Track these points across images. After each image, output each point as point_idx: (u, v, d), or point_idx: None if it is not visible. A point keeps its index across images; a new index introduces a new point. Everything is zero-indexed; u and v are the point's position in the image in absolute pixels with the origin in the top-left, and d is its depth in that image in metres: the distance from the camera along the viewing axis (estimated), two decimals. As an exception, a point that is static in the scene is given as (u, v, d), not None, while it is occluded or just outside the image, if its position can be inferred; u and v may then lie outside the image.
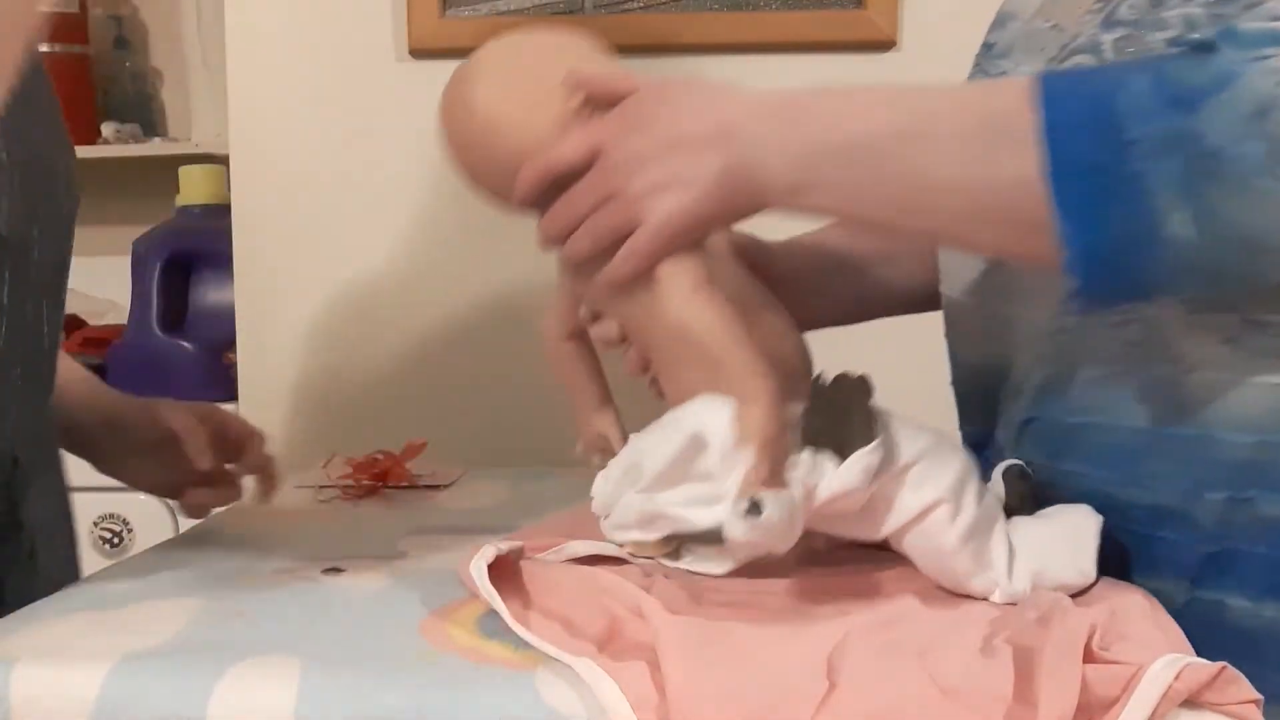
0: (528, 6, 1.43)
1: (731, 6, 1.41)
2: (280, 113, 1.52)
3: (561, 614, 0.73)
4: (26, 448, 0.90)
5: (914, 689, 0.61)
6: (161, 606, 0.79)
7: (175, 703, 0.65)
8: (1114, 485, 0.79)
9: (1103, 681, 0.59)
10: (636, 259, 0.78)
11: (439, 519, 1.06)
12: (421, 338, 1.51)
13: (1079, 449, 0.82)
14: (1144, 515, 0.78)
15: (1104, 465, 0.80)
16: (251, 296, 1.53)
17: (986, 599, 0.74)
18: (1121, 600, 0.72)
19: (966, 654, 0.63)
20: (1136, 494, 0.78)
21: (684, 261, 0.80)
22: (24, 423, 0.89)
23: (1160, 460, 0.77)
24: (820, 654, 0.64)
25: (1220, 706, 0.59)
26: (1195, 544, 0.75)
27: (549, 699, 0.64)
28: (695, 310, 0.79)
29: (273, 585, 0.83)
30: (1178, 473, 0.76)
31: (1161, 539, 0.77)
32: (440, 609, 0.77)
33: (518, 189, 0.82)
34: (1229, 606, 0.75)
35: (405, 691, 0.65)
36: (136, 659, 0.68)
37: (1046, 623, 0.65)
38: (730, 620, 0.68)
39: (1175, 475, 0.76)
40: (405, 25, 1.44)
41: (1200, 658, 0.61)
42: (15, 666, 0.67)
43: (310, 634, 0.73)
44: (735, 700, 0.61)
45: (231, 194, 1.55)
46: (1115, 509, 0.78)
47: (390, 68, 1.47)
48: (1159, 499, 0.77)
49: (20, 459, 0.89)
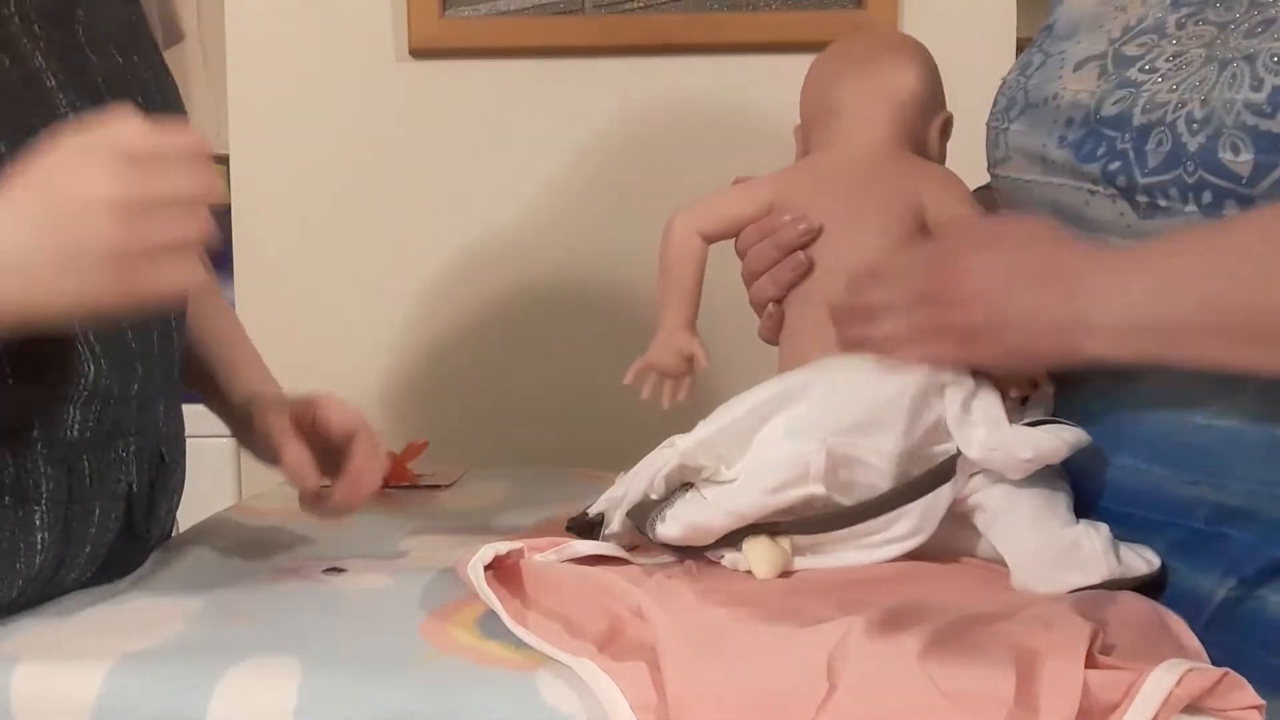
0: (528, 6, 1.43)
1: (731, 6, 1.41)
2: (280, 113, 1.52)
3: (562, 614, 0.73)
4: (170, 448, 0.91)
5: (915, 691, 0.60)
6: (161, 606, 0.79)
7: (175, 703, 0.65)
8: (1177, 482, 0.78)
9: (1104, 686, 0.59)
10: (937, 362, 0.79)
11: (440, 519, 1.06)
12: (422, 338, 1.51)
13: (1140, 443, 0.81)
14: (1208, 513, 0.77)
15: (1166, 461, 0.79)
16: (251, 296, 1.53)
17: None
18: (1125, 606, 0.72)
19: (967, 656, 0.62)
20: (1204, 491, 0.77)
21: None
22: (169, 426, 0.90)
23: (1234, 460, 0.76)
24: (820, 654, 0.63)
25: (1222, 712, 0.59)
26: (1258, 543, 0.74)
27: (550, 699, 0.64)
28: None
29: (273, 585, 0.83)
30: (1249, 474, 0.75)
31: (1224, 535, 0.76)
32: (441, 609, 0.77)
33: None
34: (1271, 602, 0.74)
35: (405, 692, 0.65)
36: (136, 659, 0.68)
37: (1049, 626, 0.65)
38: (730, 620, 0.68)
39: (1247, 475, 0.75)
40: (405, 25, 1.44)
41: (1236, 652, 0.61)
42: (16, 666, 0.67)
43: (310, 634, 0.73)
44: (735, 701, 0.61)
45: (231, 194, 1.55)
46: (1173, 505, 0.78)
47: (390, 68, 1.47)
48: (1225, 498, 0.76)
49: (165, 455, 0.90)
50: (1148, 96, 0.79)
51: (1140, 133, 0.78)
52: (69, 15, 0.84)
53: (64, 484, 0.79)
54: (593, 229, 1.45)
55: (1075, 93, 0.85)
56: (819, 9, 1.40)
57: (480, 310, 1.50)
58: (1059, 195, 0.86)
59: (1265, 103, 0.72)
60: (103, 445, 0.82)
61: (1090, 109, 0.83)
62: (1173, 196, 0.76)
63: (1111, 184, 0.80)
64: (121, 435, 0.84)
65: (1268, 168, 0.72)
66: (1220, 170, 0.74)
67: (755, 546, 0.81)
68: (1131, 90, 0.81)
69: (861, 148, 0.96)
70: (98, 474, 0.82)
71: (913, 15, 1.41)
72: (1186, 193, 0.76)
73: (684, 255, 0.96)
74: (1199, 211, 0.75)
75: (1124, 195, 0.80)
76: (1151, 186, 0.77)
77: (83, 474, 0.81)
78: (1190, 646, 0.68)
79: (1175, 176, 0.76)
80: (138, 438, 0.85)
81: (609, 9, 1.42)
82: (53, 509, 0.78)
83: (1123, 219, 0.80)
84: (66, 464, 0.79)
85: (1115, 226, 0.81)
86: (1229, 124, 0.73)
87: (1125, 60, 0.84)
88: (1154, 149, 0.77)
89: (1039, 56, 0.92)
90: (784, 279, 0.91)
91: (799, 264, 0.91)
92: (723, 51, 1.42)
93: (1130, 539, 0.79)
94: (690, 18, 1.42)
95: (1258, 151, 0.72)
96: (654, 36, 1.42)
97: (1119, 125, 0.80)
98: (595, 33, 1.42)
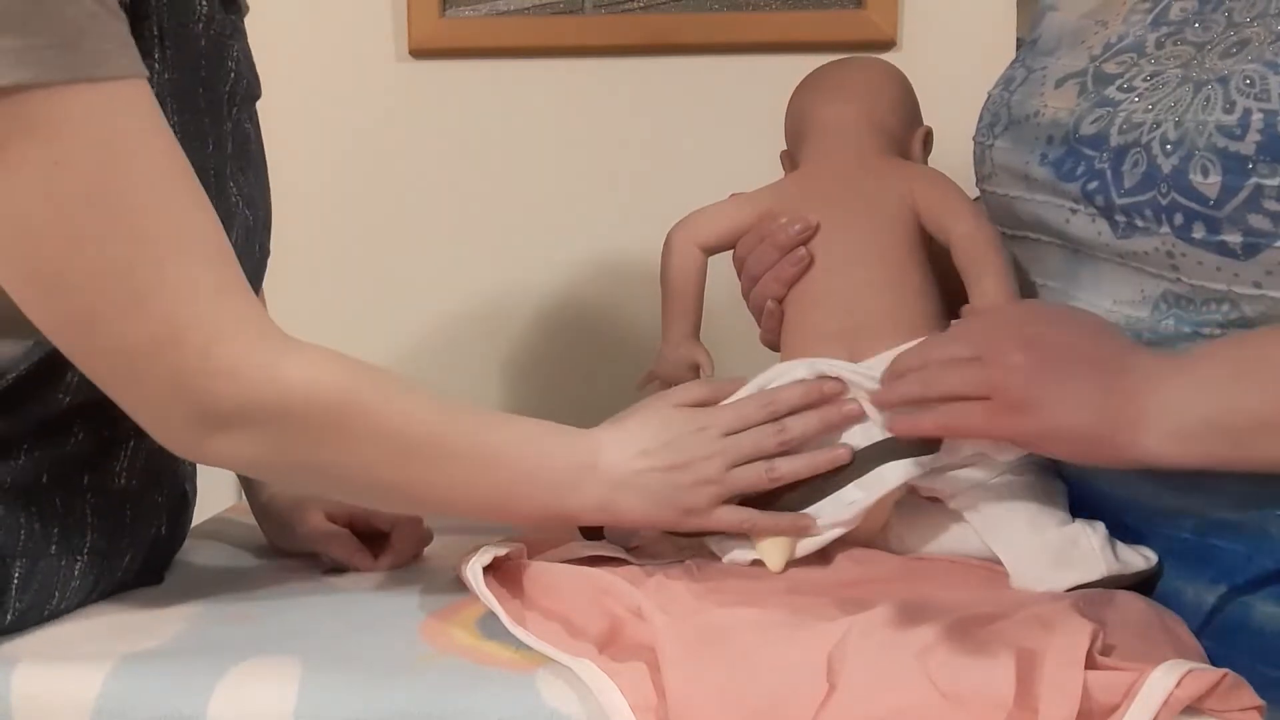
0: (528, 6, 1.43)
1: (731, 6, 1.41)
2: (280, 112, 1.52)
3: (562, 614, 0.73)
4: (191, 485, 0.92)
5: (914, 692, 0.60)
6: (161, 607, 0.79)
7: (175, 702, 0.65)
8: (1166, 493, 0.77)
9: (1104, 688, 0.59)
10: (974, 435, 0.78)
11: (440, 519, 1.06)
12: (422, 338, 1.51)
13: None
14: (1196, 524, 0.77)
15: (1155, 472, 0.75)
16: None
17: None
18: (1125, 607, 0.72)
19: (967, 657, 0.62)
20: (1192, 503, 0.77)
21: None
22: (192, 464, 0.91)
23: (1222, 472, 0.73)
24: (820, 654, 0.63)
25: (1222, 714, 0.59)
26: (1248, 553, 0.74)
27: (550, 700, 0.64)
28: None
29: (273, 585, 0.83)
30: (1237, 486, 0.74)
31: (1213, 546, 0.76)
32: (441, 610, 0.77)
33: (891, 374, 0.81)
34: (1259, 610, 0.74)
35: (405, 692, 0.65)
36: (137, 659, 0.68)
37: (1049, 627, 0.64)
38: (730, 621, 0.68)
39: (1234, 488, 0.74)
40: (405, 25, 1.44)
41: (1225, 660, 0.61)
42: (17, 666, 0.67)
43: (310, 634, 0.73)
44: (735, 702, 0.61)
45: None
46: (1162, 515, 0.78)
47: (390, 68, 1.47)
48: (1213, 510, 0.76)
49: (188, 492, 0.91)
50: (1124, 116, 0.79)
51: (1117, 153, 0.78)
52: (256, 98, 0.86)
53: (105, 534, 0.79)
54: (593, 229, 1.45)
55: (1055, 110, 0.86)
56: (819, 9, 1.40)
57: (479, 310, 1.49)
58: (1042, 212, 0.86)
59: (1236, 125, 0.71)
60: (143, 494, 0.82)
61: (1069, 127, 0.83)
62: (1148, 217, 0.76)
63: (1091, 203, 0.80)
64: (159, 484, 0.84)
65: (1234, 190, 0.71)
66: (1190, 192, 0.73)
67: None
68: (1109, 109, 0.81)
69: (850, 156, 0.98)
70: (134, 522, 0.82)
71: (913, 15, 1.40)
72: (1160, 214, 0.75)
73: (684, 268, 0.97)
74: (1172, 233, 0.75)
75: (1103, 214, 0.80)
76: (1128, 207, 0.77)
77: (123, 522, 0.81)
78: (1190, 647, 0.68)
79: (1150, 198, 0.76)
80: (171, 480, 0.86)
81: (609, 9, 1.42)
82: (92, 558, 0.78)
83: (1100, 238, 0.81)
84: (110, 514, 0.80)
85: (1095, 245, 0.82)
86: (1200, 146, 0.73)
87: (1104, 78, 0.84)
88: (1130, 169, 0.77)
89: (1021, 71, 0.93)
90: (786, 275, 0.91)
91: (800, 258, 0.91)
92: (723, 51, 1.42)
93: None
94: (690, 18, 1.41)
95: (1225, 173, 0.72)
96: (654, 36, 1.41)
97: (1097, 144, 0.80)
98: (595, 33, 1.42)
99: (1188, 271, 0.76)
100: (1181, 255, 0.75)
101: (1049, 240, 0.88)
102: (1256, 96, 0.71)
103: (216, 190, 0.78)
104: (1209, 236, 0.73)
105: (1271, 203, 0.70)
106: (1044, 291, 0.89)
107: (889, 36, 1.38)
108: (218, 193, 0.78)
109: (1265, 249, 0.71)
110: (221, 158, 0.79)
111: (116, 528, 0.80)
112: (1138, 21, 0.85)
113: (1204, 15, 0.81)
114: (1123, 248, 0.79)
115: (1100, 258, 0.82)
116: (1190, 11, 0.82)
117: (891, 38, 1.39)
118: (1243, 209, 0.71)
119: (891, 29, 1.38)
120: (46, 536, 0.75)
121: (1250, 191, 0.71)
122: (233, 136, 0.81)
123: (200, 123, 0.77)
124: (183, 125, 0.75)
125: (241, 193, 0.81)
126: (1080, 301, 0.84)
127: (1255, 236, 0.71)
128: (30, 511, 0.75)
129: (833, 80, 1.04)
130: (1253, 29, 0.76)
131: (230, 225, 0.78)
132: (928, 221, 0.93)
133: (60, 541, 0.76)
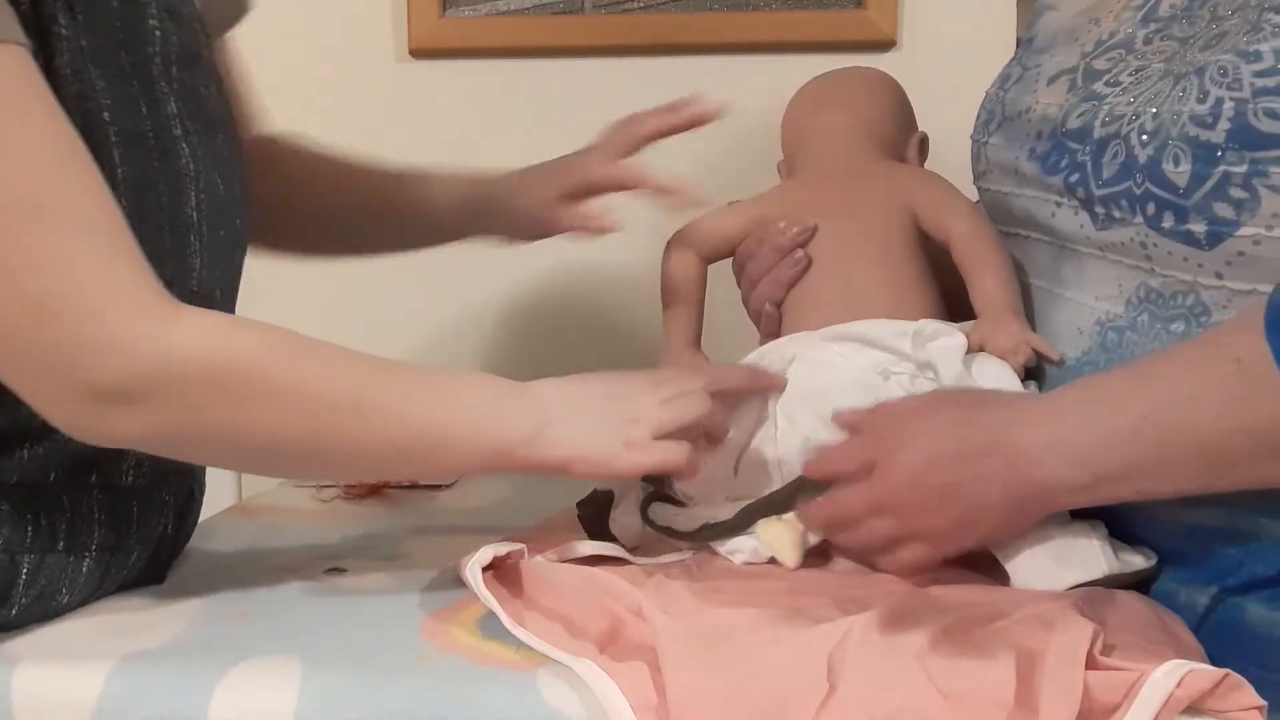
0: (528, 6, 1.43)
1: (731, 6, 1.41)
2: (280, 112, 1.52)
3: (562, 614, 0.73)
4: (198, 484, 0.92)
5: (915, 692, 0.60)
6: (162, 606, 0.79)
7: (176, 702, 0.65)
8: (1157, 501, 0.76)
9: (1104, 688, 0.59)
10: (912, 573, 0.78)
11: (440, 519, 1.06)
12: (422, 338, 1.51)
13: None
14: (1188, 530, 0.77)
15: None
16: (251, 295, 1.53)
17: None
18: (1125, 606, 0.72)
19: (967, 657, 0.62)
20: (1183, 512, 0.76)
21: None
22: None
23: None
24: (820, 654, 0.63)
25: (1223, 714, 0.59)
26: (1241, 558, 0.74)
27: (550, 700, 0.64)
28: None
29: (273, 585, 0.83)
30: (1227, 494, 0.74)
31: (1205, 552, 0.76)
32: (441, 610, 0.77)
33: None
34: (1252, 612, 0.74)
35: (406, 692, 0.65)
36: (137, 659, 0.68)
37: (1049, 626, 0.64)
38: (730, 621, 0.68)
39: (1225, 496, 0.74)
40: (405, 25, 1.44)
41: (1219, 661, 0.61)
42: (17, 666, 0.67)
43: (311, 634, 0.73)
44: (735, 702, 0.61)
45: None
46: (1155, 522, 0.78)
47: (390, 68, 1.47)
48: (1204, 519, 0.76)
49: (195, 490, 0.91)
50: (1108, 109, 0.79)
51: (1099, 145, 0.79)
52: (197, 57, 0.84)
53: (113, 531, 0.79)
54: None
55: (1046, 106, 0.86)
56: (819, 9, 1.40)
57: (479, 310, 1.49)
58: (1031, 206, 0.86)
59: (1208, 114, 0.72)
60: (150, 491, 0.82)
61: (1057, 122, 0.84)
62: (1124, 208, 0.77)
63: (1073, 195, 0.81)
64: (166, 481, 0.84)
65: (1202, 178, 0.72)
66: (1162, 181, 0.74)
67: (771, 529, 0.82)
68: (1095, 103, 0.81)
69: (846, 162, 0.98)
70: (142, 519, 0.82)
71: (912, 15, 1.40)
72: (1134, 204, 0.76)
73: (683, 276, 0.99)
74: (1144, 223, 0.75)
75: (1084, 206, 0.80)
76: (1106, 198, 0.78)
77: (130, 519, 0.81)
78: (1190, 647, 0.68)
79: (1126, 188, 0.76)
80: (178, 478, 0.86)
81: (609, 9, 1.42)
82: (99, 555, 0.78)
83: (1082, 230, 0.81)
84: (117, 511, 0.80)
85: (1077, 238, 0.82)
86: (1174, 135, 0.73)
87: (1093, 74, 0.84)
88: (1109, 161, 0.78)
89: (1017, 69, 0.93)
90: (785, 277, 0.92)
91: (798, 260, 0.92)
92: (723, 51, 1.42)
93: None
94: (690, 18, 1.42)
95: (1195, 162, 0.72)
96: (654, 36, 1.41)
97: (1081, 138, 0.81)
98: (595, 33, 1.42)
99: (1160, 261, 0.76)
100: (1154, 245, 0.76)
101: (1037, 236, 0.88)
102: (1229, 86, 0.71)
103: (159, 154, 0.77)
104: (1177, 226, 0.74)
105: (1237, 190, 0.71)
106: (1033, 291, 0.89)
107: (889, 36, 1.38)
108: (161, 156, 0.77)
109: (1227, 238, 0.72)
110: (160, 120, 0.77)
111: (124, 525, 0.80)
112: (1129, 19, 0.85)
113: (1191, 11, 0.81)
114: (1102, 239, 0.80)
115: (1082, 252, 0.83)
116: (1179, 8, 0.82)
117: (891, 38, 1.39)
118: (1209, 197, 0.72)
119: (891, 29, 1.39)
120: (54, 533, 0.75)
121: (1218, 179, 0.71)
122: (179, 98, 0.79)
123: (127, 86, 0.75)
124: (111, 90, 0.74)
125: (196, 155, 0.80)
126: (1065, 298, 0.85)
127: (1218, 225, 0.72)
128: (38, 508, 0.75)
129: (827, 90, 1.05)
130: (1232, 21, 0.76)
131: (183, 188, 0.77)
132: (927, 222, 0.93)
133: (68, 538, 0.76)
